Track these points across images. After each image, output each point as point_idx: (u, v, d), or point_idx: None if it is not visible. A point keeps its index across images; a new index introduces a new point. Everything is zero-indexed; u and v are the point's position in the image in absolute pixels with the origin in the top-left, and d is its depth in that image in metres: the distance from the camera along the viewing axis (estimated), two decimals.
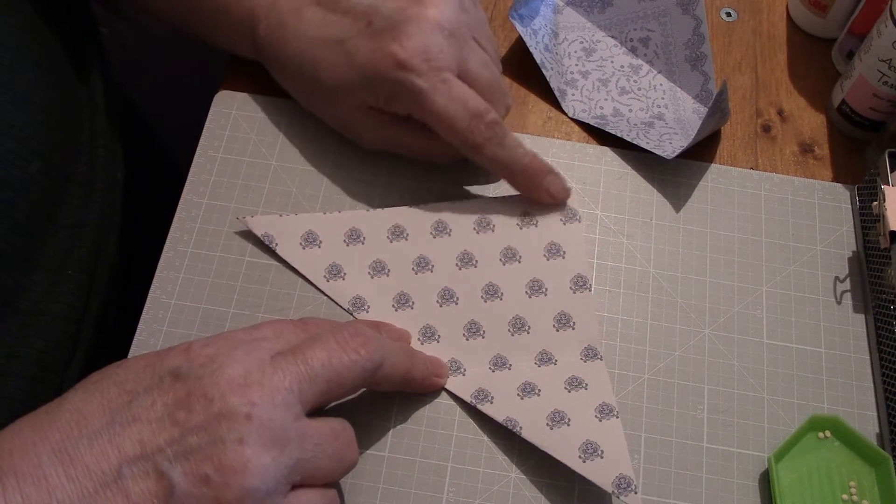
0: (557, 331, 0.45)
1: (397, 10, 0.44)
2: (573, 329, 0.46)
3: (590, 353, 0.45)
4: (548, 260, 0.47)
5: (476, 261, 0.47)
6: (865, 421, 0.45)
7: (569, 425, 0.42)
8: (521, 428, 0.42)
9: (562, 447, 0.41)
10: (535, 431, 0.42)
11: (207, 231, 0.48)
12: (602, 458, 0.41)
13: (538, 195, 0.47)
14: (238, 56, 0.50)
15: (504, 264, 0.47)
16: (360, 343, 0.37)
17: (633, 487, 0.40)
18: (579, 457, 0.41)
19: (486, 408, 0.43)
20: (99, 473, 0.33)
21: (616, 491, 0.40)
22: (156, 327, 0.45)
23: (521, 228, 0.48)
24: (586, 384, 0.44)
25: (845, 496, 0.42)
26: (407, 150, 0.48)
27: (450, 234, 0.47)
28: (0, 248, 0.43)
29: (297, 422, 0.35)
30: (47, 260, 0.47)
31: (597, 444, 0.41)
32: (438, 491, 0.42)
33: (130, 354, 0.44)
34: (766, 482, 0.43)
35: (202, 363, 0.35)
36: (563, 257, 0.47)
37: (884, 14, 0.47)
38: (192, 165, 0.50)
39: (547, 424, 0.42)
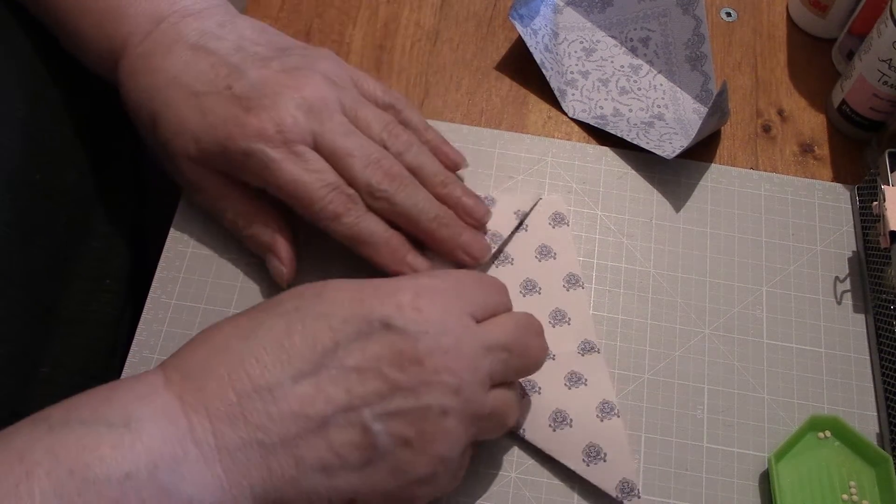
0: (553, 327, 0.46)
1: (260, 81, 0.42)
2: (569, 324, 0.46)
3: (587, 347, 0.45)
4: (539, 261, 0.47)
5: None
6: (865, 421, 0.45)
7: (571, 426, 0.42)
8: (524, 430, 0.42)
9: (565, 450, 0.42)
10: (538, 434, 0.42)
11: (207, 231, 0.48)
12: (605, 461, 0.41)
13: (397, 269, 0.44)
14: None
15: (497, 266, 0.47)
16: (544, 343, 0.40)
17: (637, 492, 0.41)
18: (583, 460, 0.41)
19: None
20: (304, 417, 0.33)
21: (619, 496, 0.41)
22: (156, 327, 0.45)
23: (512, 233, 0.48)
24: (586, 380, 0.44)
25: (845, 496, 0.42)
26: (226, 217, 0.45)
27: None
28: (42, 257, 0.44)
29: (487, 397, 0.37)
30: (85, 269, 0.47)
31: (600, 446, 0.42)
32: None
33: (131, 354, 0.44)
34: (766, 482, 0.43)
35: (416, 320, 0.35)
36: (555, 258, 0.48)
37: (884, 14, 0.47)
38: None
39: (549, 426, 0.42)
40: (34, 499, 0.29)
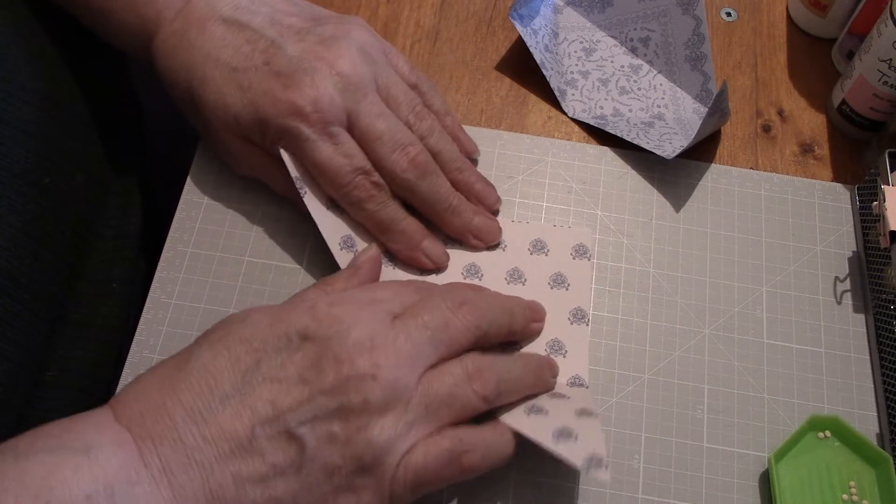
0: (548, 356, 0.45)
1: (298, 55, 0.43)
2: (564, 357, 0.45)
3: (576, 382, 0.44)
4: (551, 288, 0.47)
5: (482, 274, 0.47)
6: (865, 421, 0.45)
7: (546, 416, 0.40)
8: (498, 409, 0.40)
9: (537, 428, 0.39)
10: (511, 416, 0.40)
11: (207, 231, 0.48)
12: (576, 441, 0.39)
13: (411, 255, 0.46)
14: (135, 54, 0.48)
15: (508, 283, 0.47)
16: (469, 310, 0.39)
17: (605, 465, 0.38)
18: (553, 438, 0.39)
19: None
20: (234, 434, 0.34)
21: (587, 465, 0.37)
22: (156, 327, 0.45)
23: (531, 254, 0.48)
24: (569, 397, 0.43)
25: (845, 496, 0.42)
26: (277, 185, 0.47)
27: (460, 244, 0.48)
28: (51, 260, 0.44)
29: (420, 381, 0.37)
30: (92, 272, 0.47)
31: (572, 430, 0.39)
32: (438, 491, 0.42)
33: (131, 354, 0.44)
34: (766, 482, 0.43)
35: (329, 324, 0.36)
36: (567, 289, 0.47)
37: (884, 14, 0.47)
38: (193, 165, 0.50)
39: (524, 412, 0.41)
40: None
